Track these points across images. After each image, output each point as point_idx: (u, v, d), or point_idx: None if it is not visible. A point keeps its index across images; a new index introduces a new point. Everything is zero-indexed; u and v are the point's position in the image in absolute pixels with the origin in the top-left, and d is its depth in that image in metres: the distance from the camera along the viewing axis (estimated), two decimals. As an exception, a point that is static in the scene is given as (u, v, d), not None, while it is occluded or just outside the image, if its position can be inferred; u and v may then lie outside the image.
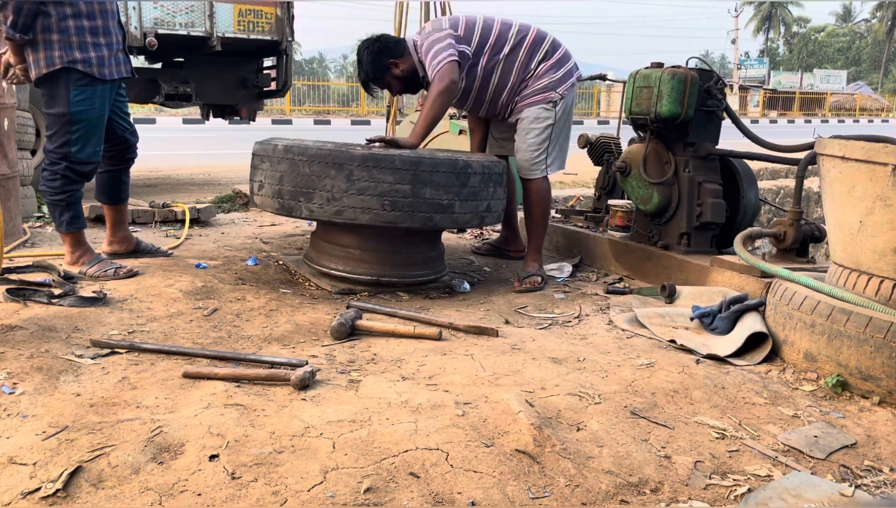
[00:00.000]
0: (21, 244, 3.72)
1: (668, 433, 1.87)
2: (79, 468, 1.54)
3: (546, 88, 3.34)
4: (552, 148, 3.39)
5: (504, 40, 3.32)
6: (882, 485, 1.74)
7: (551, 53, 3.36)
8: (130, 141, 3.30)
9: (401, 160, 2.84)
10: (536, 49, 3.35)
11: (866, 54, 59.89)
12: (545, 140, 3.35)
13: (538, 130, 3.34)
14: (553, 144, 3.38)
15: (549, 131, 3.35)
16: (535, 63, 3.34)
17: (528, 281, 3.32)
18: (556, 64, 3.36)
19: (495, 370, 2.20)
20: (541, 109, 3.33)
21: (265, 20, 6.49)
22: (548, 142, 3.35)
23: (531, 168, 3.37)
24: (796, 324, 2.37)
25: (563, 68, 3.37)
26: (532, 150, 3.35)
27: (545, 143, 3.35)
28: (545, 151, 3.36)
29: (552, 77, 3.34)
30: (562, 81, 3.35)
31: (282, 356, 2.21)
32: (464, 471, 1.62)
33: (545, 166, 3.38)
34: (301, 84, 26.77)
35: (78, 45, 2.90)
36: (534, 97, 3.35)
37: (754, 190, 3.48)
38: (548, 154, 3.38)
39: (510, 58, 3.32)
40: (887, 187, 2.15)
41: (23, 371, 2.04)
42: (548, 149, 3.37)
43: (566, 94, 3.37)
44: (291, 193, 2.92)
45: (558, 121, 3.36)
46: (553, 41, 3.40)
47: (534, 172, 3.38)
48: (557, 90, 3.34)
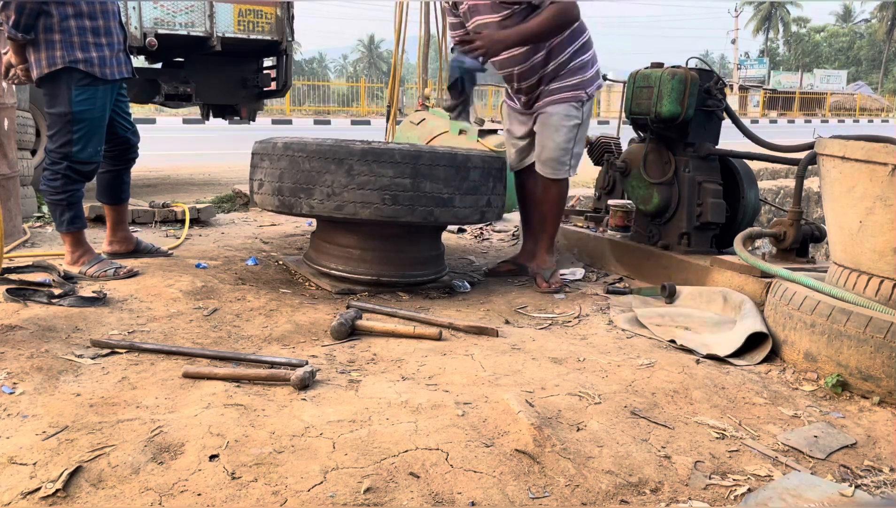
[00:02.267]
0: (21, 244, 3.72)
1: (668, 433, 1.87)
2: (79, 468, 1.54)
3: (577, 86, 3.17)
4: (575, 149, 3.25)
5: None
6: (882, 485, 1.74)
7: (587, 49, 3.19)
8: (132, 141, 3.30)
9: (401, 154, 2.85)
10: (576, 38, 3.15)
11: (865, 54, 59.89)
12: (571, 140, 3.20)
13: (567, 129, 3.17)
14: (577, 144, 3.25)
15: (576, 132, 3.20)
16: (569, 53, 3.14)
17: (555, 281, 3.26)
18: (590, 62, 3.20)
19: (495, 370, 2.20)
20: (570, 106, 3.17)
21: (265, 20, 6.49)
22: (573, 142, 3.21)
23: (557, 168, 3.22)
24: (796, 324, 2.37)
25: (594, 67, 3.22)
26: (560, 148, 3.18)
27: (571, 143, 3.20)
28: (571, 151, 3.22)
29: (584, 75, 3.17)
30: (592, 81, 3.21)
31: (282, 356, 2.21)
32: (464, 471, 1.62)
33: (568, 168, 3.24)
34: (301, 84, 26.78)
35: (80, 45, 2.91)
36: (564, 93, 3.17)
37: (754, 190, 3.48)
38: (571, 155, 3.23)
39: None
40: (887, 187, 2.15)
41: (23, 371, 2.05)
42: (572, 150, 3.22)
43: (592, 95, 3.23)
44: (292, 189, 2.92)
45: (584, 122, 3.22)
46: (588, 39, 3.22)
47: (559, 173, 3.23)
48: (588, 90, 3.18)
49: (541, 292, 3.22)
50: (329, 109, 26.41)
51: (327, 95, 28.46)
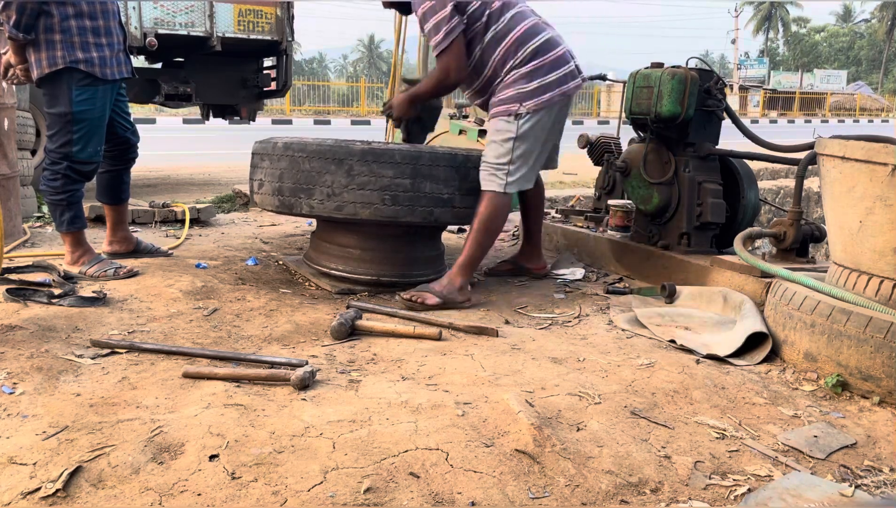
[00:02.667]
0: (21, 244, 3.72)
1: (668, 433, 1.87)
2: (79, 468, 1.54)
3: (511, 99, 2.95)
4: (515, 165, 2.96)
5: (499, 18, 2.96)
6: (882, 485, 1.74)
7: (531, 59, 2.95)
8: (131, 141, 3.31)
9: (400, 154, 2.85)
10: (520, 50, 2.95)
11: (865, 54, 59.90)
12: (503, 155, 2.95)
13: (497, 144, 2.97)
14: (516, 161, 2.96)
15: (510, 145, 2.95)
16: (508, 67, 2.96)
17: (416, 295, 2.88)
18: (530, 74, 2.94)
19: (495, 370, 2.20)
20: (501, 120, 2.97)
21: (265, 20, 6.50)
22: (508, 157, 2.95)
23: (486, 179, 2.97)
24: (796, 324, 2.37)
25: (536, 81, 2.93)
26: (488, 163, 2.98)
27: (504, 157, 2.95)
28: (504, 166, 2.96)
29: (521, 89, 2.94)
30: (532, 96, 2.93)
31: (282, 356, 2.21)
32: (464, 471, 1.62)
33: (504, 183, 2.96)
34: (301, 84, 26.78)
35: (80, 46, 2.91)
36: (497, 107, 3.00)
37: (754, 190, 3.48)
38: (508, 171, 2.96)
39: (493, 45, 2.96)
40: (887, 187, 2.15)
41: (23, 371, 2.05)
42: (508, 165, 2.96)
43: (536, 110, 2.94)
44: (292, 189, 2.92)
45: (523, 136, 2.94)
46: (542, 44, 2.97)
47: (488, 184, 2.97)
48: (525, 104, 2.93)
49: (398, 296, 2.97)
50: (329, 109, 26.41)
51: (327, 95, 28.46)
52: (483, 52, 2.99)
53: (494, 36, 2.96)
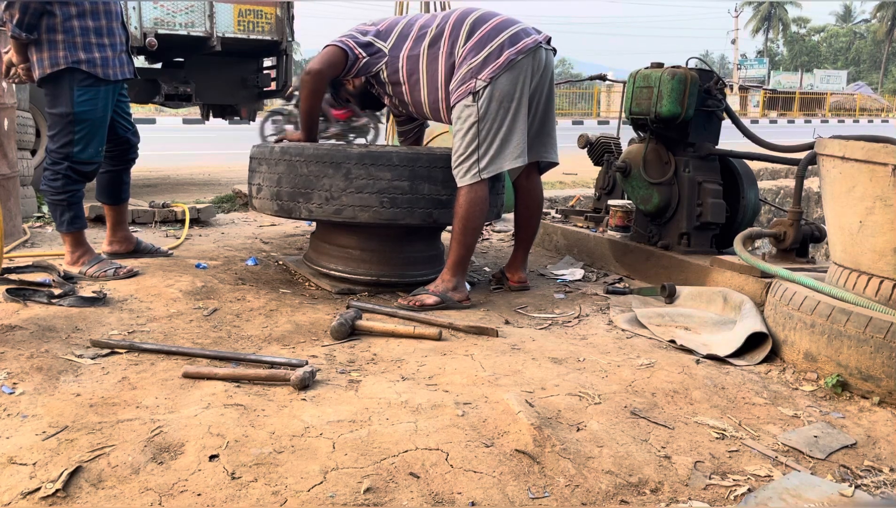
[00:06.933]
0: (21, 244, 3.72)
1: (668, 433, 1.87)
2: (79, 468, 1.54)
3: (465, 79, 2.82)
4: (484, 147, 2.82)
5: (426, 30, 2.94)
6: (882, 485, 1.74)
7: (472, 33, 2.84)
8: (132, 141, 3.31)
9: (398, 157, 2.85)
10: (457, 32, 2.87)
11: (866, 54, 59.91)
12: (471, 141, 2.82)
13: (462, 131, 2.83)
14: (484, 143, 2.82)
15: (475, 129, 2.81)
16: (457, 49, 2.85)
17: (413, 299, 2.86)
18: (476, 45, 2.82)
19: (495, 371, 2.20)
20: (462, 106, 2.84)
21: (265, 20, 6.50)
22: (475, 142, 2.81)
23: (459, 175, 2.86)
24: (796, 324, 2.37)
25: (485, 49, 2.81)
26: (457, 154, 2.86)
27: (472, 144, 2.82)
28: (474, 152, 2.82)
29: (471, 63, 2.81)
30: (485, 65, 2.79)
31: (282, 356, 2.21)
32: (464, 471, 1.62)
33: (477, 171, 2.82)
34: (301, 84, 26.71)
35: (82, 46, 2.91)
36: (457, 91, 2.85)
37: (754, 190, 3.48)
38: (479, 156, 2.82)
39: (432, 50, 2.90)
40: (887, 187, 2.15)
41: (23, 371, 2.05)
42: (478, 150, 2.82)
43: (493, 77, 2.78)
44: (290, 194, 2.93)
45: (485, 115, 2.80)
46: (476, 18, 2.88)
47: (463, 179, 2.85)
48: (480, 76, 2.79)
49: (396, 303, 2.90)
50: (329, 109, 26.35)
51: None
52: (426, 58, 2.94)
53: (433, 37, 2.93)
